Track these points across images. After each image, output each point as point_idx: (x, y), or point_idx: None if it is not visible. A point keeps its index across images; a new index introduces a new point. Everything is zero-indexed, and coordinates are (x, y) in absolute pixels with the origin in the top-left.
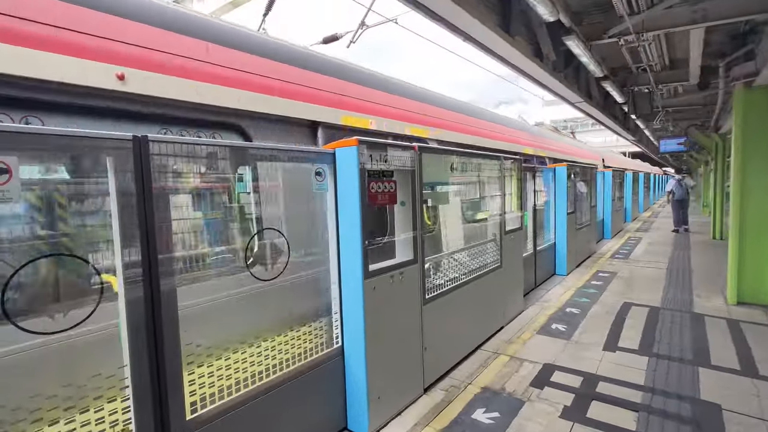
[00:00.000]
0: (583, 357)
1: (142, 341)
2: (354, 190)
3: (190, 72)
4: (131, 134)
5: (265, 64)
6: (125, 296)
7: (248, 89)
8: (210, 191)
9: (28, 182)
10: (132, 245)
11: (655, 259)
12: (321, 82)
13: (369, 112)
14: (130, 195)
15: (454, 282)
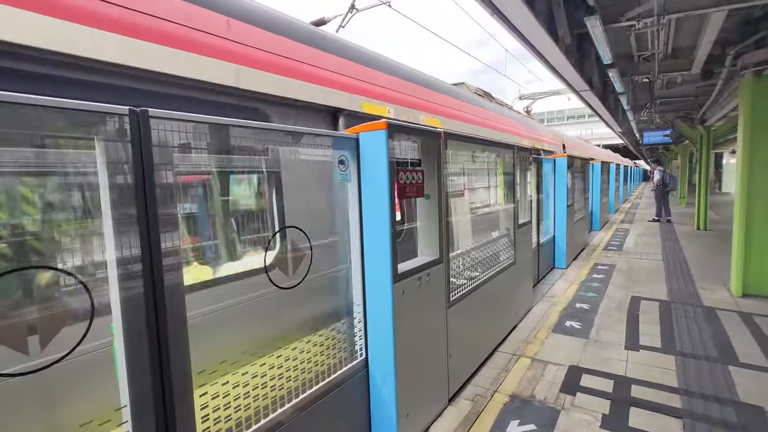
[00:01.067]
0: (608, 358)
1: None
2: (382, 180)
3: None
4: (128, 107)
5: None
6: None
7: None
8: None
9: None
10: (129, 238)
11: (648, 251)
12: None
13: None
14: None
15: (475, 281)
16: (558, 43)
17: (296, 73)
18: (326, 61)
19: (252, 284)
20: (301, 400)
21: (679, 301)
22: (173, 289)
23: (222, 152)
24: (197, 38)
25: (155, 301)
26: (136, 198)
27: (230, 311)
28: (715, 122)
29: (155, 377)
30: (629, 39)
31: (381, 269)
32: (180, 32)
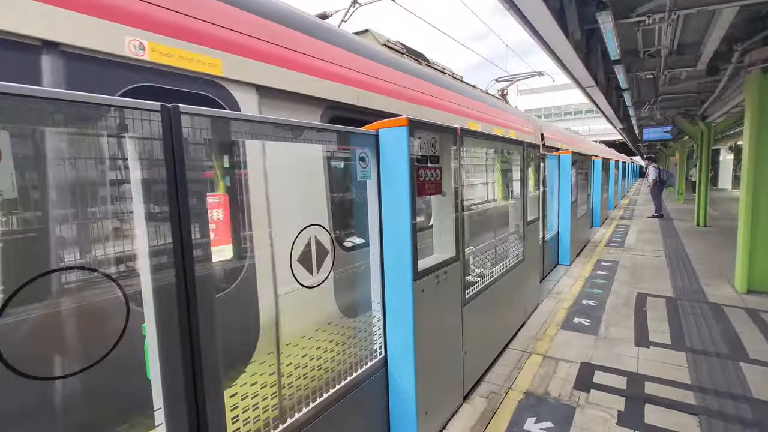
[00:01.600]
0: (619, 354)
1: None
2: (402, 177)
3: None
4: (159, 103)
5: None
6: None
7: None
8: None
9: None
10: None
11: (650, 248)
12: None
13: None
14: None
15: (488, 278)
16: (568, 38)
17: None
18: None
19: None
20: (324, 399)
21: (684, 298)
22: (203, 281)
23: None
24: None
25: (187, 294)
26: (168, 192)
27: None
28: (716, 119)
29: (188, 377)
30: (636, 35)
31: (401, 267)
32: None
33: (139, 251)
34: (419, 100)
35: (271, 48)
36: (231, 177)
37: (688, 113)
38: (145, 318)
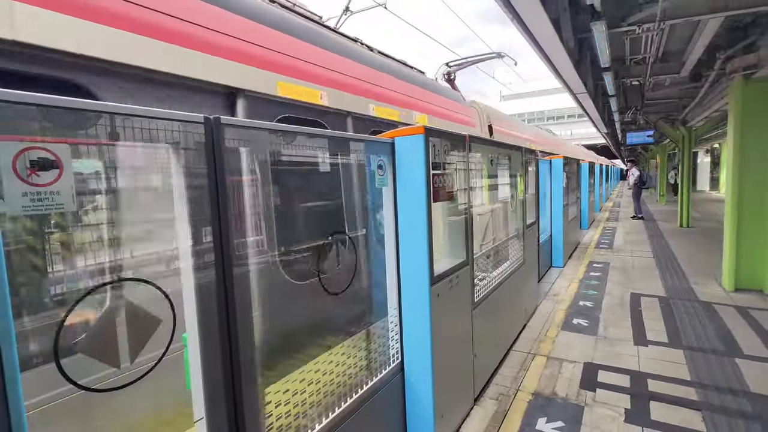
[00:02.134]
0: (620, 353)
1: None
2: (419, 185)
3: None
4: (203, 115)
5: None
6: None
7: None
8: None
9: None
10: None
11: (638, 248)
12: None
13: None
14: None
15: (494, 281)
16: (564, 46)
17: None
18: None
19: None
20: (347, 406)
21: (676, 297)
22: (243, 285)
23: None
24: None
25: (227, 302)
26: (210, 198)
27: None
28: (696, 123)
29: (227, 386)
30: (624, 43)
31: (418, 272)
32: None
33: (182, 263)
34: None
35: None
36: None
37: (669, 118)
38: (187, 327)
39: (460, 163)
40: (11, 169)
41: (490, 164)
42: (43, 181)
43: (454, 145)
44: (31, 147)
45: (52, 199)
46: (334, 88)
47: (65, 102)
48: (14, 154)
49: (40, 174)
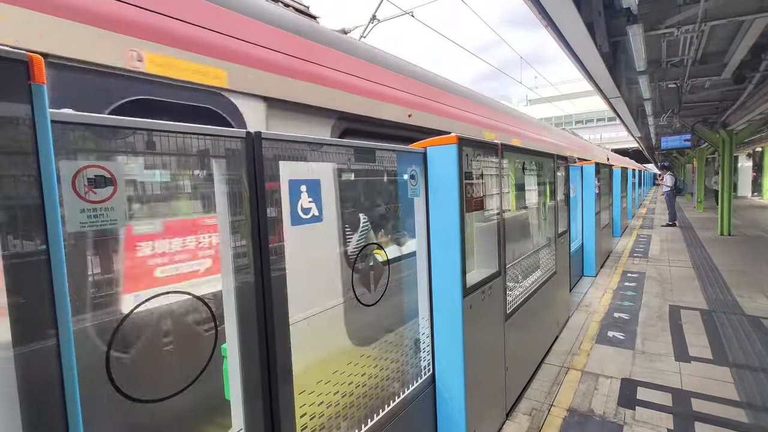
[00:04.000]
0: (660, 369)
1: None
2: (452, 195)
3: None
4: (244, 130)
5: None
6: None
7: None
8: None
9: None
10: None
11: (676, 258)
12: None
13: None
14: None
15: (526, 292)
16: (597, 50)
17: None
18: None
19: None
20: (379, 419)
21: (720, 310)
22: (281, 301)
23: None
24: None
25: (265, 313)
26: (250, 208)
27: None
28: (738, 126)
29: (265, 397)
30: (661, 45)
31: (451, 284)
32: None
33: (224, 275)
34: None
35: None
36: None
37: (708, 121)
38: (227, 338)
39: (492, 171)
40: (71, 187)
41: (521, 171)
42: (99, 198)
43: (487, 153)
44: (89, 165)
45: (106, 215)
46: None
47: (120, 122)
48: (74, 173)
49: (96, 191)
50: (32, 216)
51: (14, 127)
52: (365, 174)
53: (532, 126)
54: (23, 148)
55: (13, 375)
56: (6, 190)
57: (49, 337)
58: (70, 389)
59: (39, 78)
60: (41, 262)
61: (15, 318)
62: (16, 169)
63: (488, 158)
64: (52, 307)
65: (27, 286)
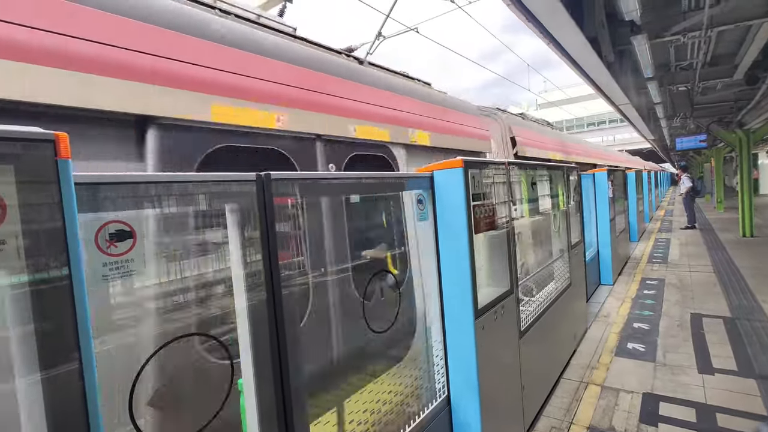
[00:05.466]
0: (683, 383)
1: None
2: (460, 217)
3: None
4: (254, 173)
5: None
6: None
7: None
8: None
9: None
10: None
11: (696, 263)
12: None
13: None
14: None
15: (540, 308)
16: (603, 62)
17: None
18: None
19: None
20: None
21: (744, 317)
22: (295, 336)
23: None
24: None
25: (279, 346)
26: (261, 246)
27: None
28: (754, 125)
29: (281, 427)
30: (669, 50)
31: (462, 306)
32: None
33: (238, 314)
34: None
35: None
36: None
37: (723, 120)
38: (243, 373)
39: (500, 187)
40: (94, 243)
41: (530, 187)
42: (120, 251)
43: (496, 172)
44: (111, 221)
45: (127, 267)
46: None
47: (139, 178)
48: (96, 229)
49: (117, 245)
50: (60, 264)
51: (44, 195)
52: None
53: (584, 147)
54: (53, 213)
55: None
56: (39, 248)
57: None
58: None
59: (64, 153)
60: (65, 288)
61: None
62: (47, 227)
63: (498, 176)
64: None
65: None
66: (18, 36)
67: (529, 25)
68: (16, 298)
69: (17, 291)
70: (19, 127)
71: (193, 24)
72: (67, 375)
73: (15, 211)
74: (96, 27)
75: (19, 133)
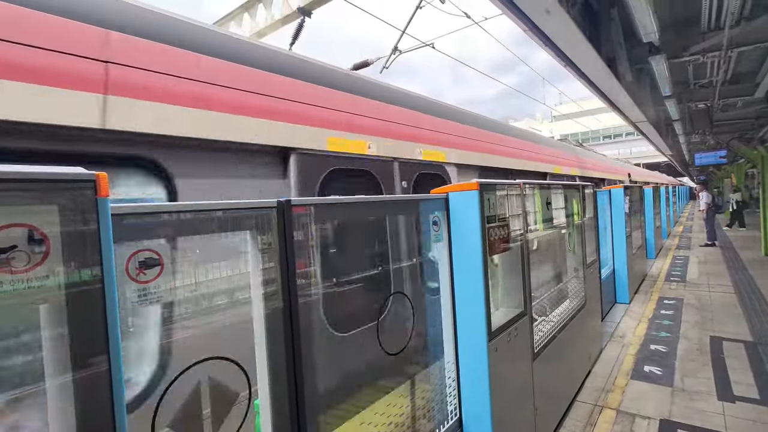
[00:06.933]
0: (702, 410)
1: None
2: (474, 240)
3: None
4: (275, 200)
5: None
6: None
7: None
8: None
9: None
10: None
11: (716, 282)
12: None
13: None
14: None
15: (554, 329)
16: (621, 83)
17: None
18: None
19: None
20: None
21: (766, 342)
22: (310, 356)
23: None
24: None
25: (294, 366)
26: (280, 269)
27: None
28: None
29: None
30: (686, 68)
31: (476, 328)
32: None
33: (255, 313)
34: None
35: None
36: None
37: (744, 137)
38: (260, 394)
39: (515, 208)
40: (125, 271)
41: (545, 206)
42: (148, 278)
43: (510, 193)
44: (141, 249)
45: (155, 293)
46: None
47: (168, 207)
48: (127, 257)
49: (146, 272)
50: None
51: (85, 230)
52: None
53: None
54: (92, 245)
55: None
56: (79, 271)
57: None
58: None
59: (104, 192)
60: (97, 290)
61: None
62: (86, 256)
63: (512, 196)
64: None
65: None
66: (248, 100)
67: (546, 48)
68: (59, 317)
69: (61, 316)
70: (65, 169)
71: (320, 74)
72: (97, 382)
73: (58, 243)
74: (279, 87)
75: (65, 175)
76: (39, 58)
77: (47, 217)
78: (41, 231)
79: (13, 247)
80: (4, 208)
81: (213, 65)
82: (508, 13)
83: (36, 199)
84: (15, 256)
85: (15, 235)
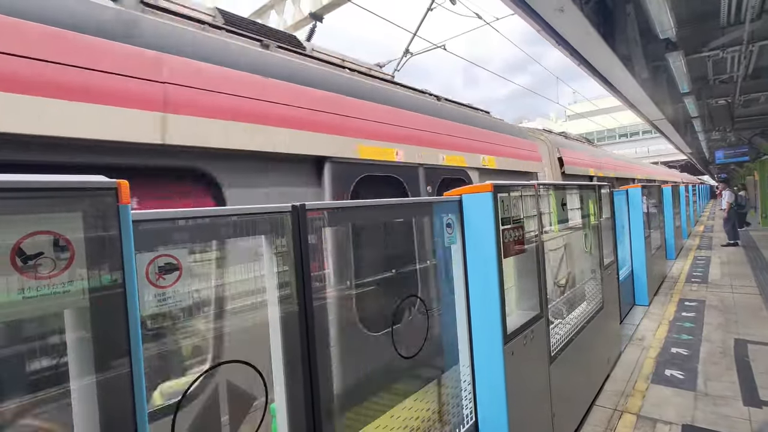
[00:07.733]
0: (726, 416)
1: None
2: (489, 241)
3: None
4: (290, 204)
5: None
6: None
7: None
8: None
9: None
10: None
11: (739, 283)
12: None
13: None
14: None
15: (572, 332)
16: (636, 80)
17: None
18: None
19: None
20: None
21: None
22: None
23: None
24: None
25: (310, 369)
26: (295, 273)
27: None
28: None
29: None
30: (706, 64)
31: (491, 331)
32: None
33: (271, 320)
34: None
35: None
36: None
37: (766, 133)
38: (276, 398)
39: (530, 210)
40: (145, 276)
41: (561, 207)
42: (167, 283)
43: (525, 195)
44: (160, 255)
45: (173, 298)
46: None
47: (189, 213)
48: (147, 263)
49: (165, 277)
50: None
51: (107, 236)
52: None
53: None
54: (114, 251)
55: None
56: (100, 277)
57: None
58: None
59: (125, 200)
60: (118, 294)
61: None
62: (108, 261)
63: (527, 198)
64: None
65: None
66: (292, 113)
67: (559, 47)
68: (83, 321)
69: (84, 320)
70: (88, 177)
71: (351, 86)
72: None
73: (81, 249)
74: (318, 102)
75: (88, 183)
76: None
77: (71, 224)
78: (66, 237)
79: (40, 253)
80: (31, 216)
81: (270, 85)
82: (519, 13)
83: (61, 207)
84: (41, 262)
85: (41, 242)
